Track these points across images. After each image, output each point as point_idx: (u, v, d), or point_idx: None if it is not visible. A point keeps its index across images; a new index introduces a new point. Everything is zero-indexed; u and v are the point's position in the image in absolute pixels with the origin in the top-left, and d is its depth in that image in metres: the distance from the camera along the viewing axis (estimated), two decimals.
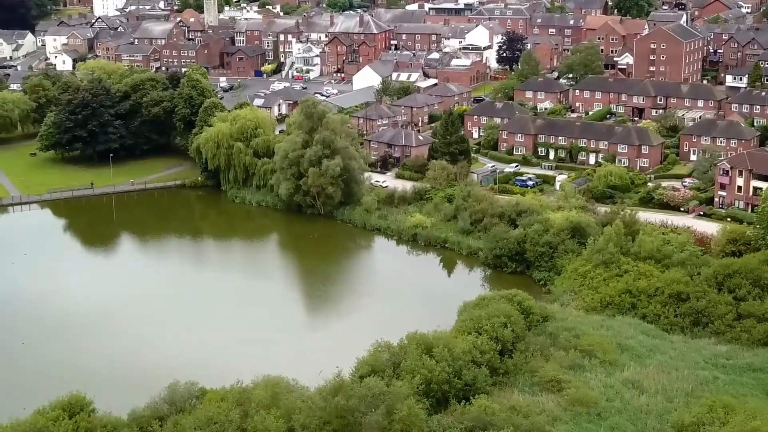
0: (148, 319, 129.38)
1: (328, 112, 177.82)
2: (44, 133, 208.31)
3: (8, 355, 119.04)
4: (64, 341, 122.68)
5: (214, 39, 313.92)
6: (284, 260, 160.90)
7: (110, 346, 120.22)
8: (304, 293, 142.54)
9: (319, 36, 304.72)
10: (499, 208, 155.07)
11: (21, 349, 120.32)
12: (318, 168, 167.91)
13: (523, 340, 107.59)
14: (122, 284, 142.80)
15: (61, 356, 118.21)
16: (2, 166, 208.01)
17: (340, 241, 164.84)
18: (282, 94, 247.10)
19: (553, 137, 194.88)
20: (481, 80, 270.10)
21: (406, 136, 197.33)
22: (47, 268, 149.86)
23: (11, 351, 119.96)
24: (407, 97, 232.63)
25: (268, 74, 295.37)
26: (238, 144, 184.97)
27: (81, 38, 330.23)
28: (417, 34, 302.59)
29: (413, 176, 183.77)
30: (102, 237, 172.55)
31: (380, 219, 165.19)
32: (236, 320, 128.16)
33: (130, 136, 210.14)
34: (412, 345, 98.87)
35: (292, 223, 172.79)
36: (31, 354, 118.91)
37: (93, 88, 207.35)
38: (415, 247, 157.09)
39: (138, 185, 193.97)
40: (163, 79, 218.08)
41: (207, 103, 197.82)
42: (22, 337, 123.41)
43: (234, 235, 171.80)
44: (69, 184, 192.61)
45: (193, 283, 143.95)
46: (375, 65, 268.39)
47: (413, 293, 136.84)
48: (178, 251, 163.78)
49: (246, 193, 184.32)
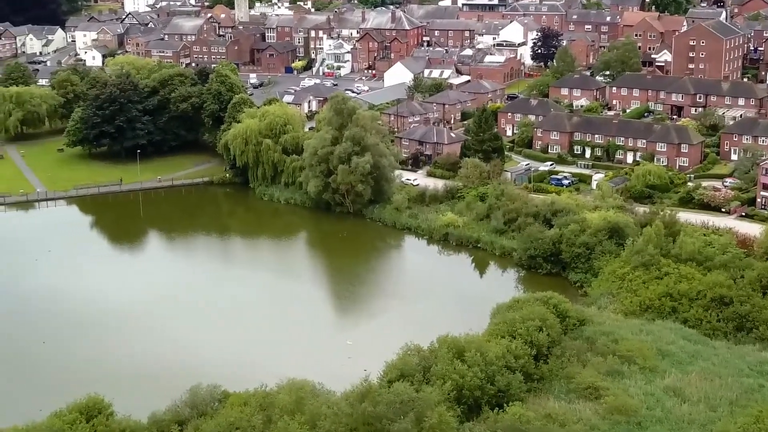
0: (172, 318, 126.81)
1: (358, 108, 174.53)
2: (71, 129, 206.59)
3: (29, 353, 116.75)
4: (86, 340, 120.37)
5: (244, 35, 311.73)
6: (312, 259, 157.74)
7: (133, 346, 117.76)
8: (332, 293, 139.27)
9: (350, 32, 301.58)
10: (533, 207, 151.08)
11: (41, 347, 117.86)
12: (347, 165, 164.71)
13: (558, 344, 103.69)
14: (148, 282, 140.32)
15: (82, 355, 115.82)
16: (30, 162, 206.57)
17: (370, 240, 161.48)
18: (312, 90, 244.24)
19: (589, 135, 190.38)
20: (515, 77, 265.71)
21: (438, 133, 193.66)
22: (71, 265, 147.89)
23: (32, 349, 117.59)
24: (439, 94, 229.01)
25: (298, 71, 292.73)
26: (267, 140, 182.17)
27: (111, 34, 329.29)
28: (450, 30, 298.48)
29: (445, 174, 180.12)
30: (128, 234, 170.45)
31: (411, 218, 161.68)
32: (262, 320, 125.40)
33: (158, 132, 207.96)
34: (443, 349, 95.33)
35: (321, 222, 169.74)
36: (52, 353, 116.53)
37: (121, 83, 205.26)
38: (446, 247, 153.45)
39: (165, 182, 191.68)
40: (191, 75, 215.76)
41: (236, 99, 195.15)
42: (45, 335, 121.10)
43: (262, 233, 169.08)
44: (96, 181, 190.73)
45: (219, 282, 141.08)
46: (407, 62, 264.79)
47: (444, 294, 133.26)
48: (205, 249, 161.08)
49: (274, 191, 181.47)
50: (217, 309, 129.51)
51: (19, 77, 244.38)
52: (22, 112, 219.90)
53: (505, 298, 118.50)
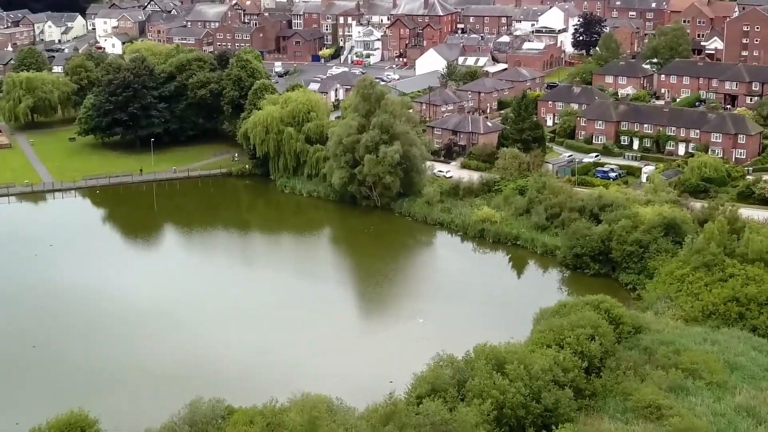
0: (182, 320, 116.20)
1: (387, 93, 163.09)
2: (83, 117, 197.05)
3: (17, 357, 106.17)
4: (83, 343, 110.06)
5: (270, 22, 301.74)
6: (336, 257, 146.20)
7: (136, 350, 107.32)
8: (356, 294, 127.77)
9: (380, 19, 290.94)
10: (579, 201, 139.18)
11: (31, 352, 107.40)
12: (375, 155, 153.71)
13: (612, 355, 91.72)
14: (159, 282, 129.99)
15: (78, 360, 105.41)
16: (39, 151, 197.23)
17: (398, 236, 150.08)
18: (339, 78, 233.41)
19: (637, 125, 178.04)
20: (555, 65, 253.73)
21: (473, 122, 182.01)
22: (73, 260, 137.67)
23: (23, 353, 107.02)
24: (474, 82, 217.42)
25: (325, 59, 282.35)
26: (289, 129, 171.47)
27: (132, 21, 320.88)
28: (486, 17, 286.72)
29: (480, 166, 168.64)
30: (141, 228, 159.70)
31: (443, 212, 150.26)
32: (279, 324, 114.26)
33: (175, 120, 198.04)
34: (480, 360, 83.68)
35: (346, 216, 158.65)
36: (45, 358, 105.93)
37: (135, 67, 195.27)
38: (482, 245, 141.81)
39: (180, 173, 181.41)
40: (210, 60, 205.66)
41: (257, 85, 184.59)
42: (40, 338, 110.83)
43: (283, 229, 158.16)
44: (108, 171, 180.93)
45: (236, 282, 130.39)
46: (440, 49, 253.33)
47: (480, 297, 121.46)
48: (222, 245, 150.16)
49: (296, 183, 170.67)
50: (232, 311, 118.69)
51: (32, 63, 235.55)
52: (33, 99, 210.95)
53: (549, 302, 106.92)
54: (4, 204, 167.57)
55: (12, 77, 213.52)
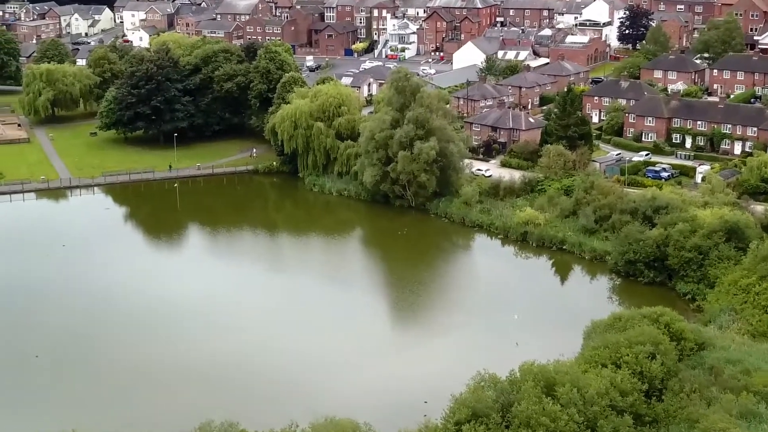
0: (202, 327, 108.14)
1: (422, 86, 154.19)
2: (104, 110, 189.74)
3: (17, 367, 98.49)
4: (89, 351, 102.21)
5: (302, 15, 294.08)
6: (367, 261, 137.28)
7: (147, 358, 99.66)
8: (389, 303, 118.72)
9: (416, 11, 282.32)
10: (630, 202, 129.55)
11: (33, 362, 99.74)
12: (409, 152, 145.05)
13: (675, 376, 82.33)
14: (181, 284, 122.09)
15: (79, 370, 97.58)
16: (58, 146, 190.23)
17: (434, 239, 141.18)
18: (372, 72, 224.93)
19: (690, 122, 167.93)
20: (599, 60, 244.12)
21: (514, 117, 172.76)
22: (87, 260, 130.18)
23: (24, 364, 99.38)
24: (515, 76, 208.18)
25: (359, 53, 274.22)
26: (318, 124, 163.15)
27: (160, 13, 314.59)
28: (526, 9, 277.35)
29: (522, 164, 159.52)
30: (162, 228, 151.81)
31: (482, 213, 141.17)
32: (305, 335, 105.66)
33: (200, 114, 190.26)
34: (527, 381, 74.54)
35: (378, 217, 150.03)
36: (43, 369, 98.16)
37: (158, 59, 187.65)
38: (524, 249, 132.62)
39: (205, 170, 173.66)
40: (238, 51, 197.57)
41: (285, 78, 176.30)
42: (44, 345, 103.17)
43: (311, 230, 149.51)
44: (128, 167, 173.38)
45: (261, 286, 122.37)
46: (478, 42, 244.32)
47: (523, 307, 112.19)
48: (248, 247, 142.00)
49: (326, 181, 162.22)
50: (255, 319, 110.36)
51: (55, 55, 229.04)
52: (53, 92, 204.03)
53: (600, 313, 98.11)
54: (18, 201, 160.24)
55: (32, 69, 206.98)
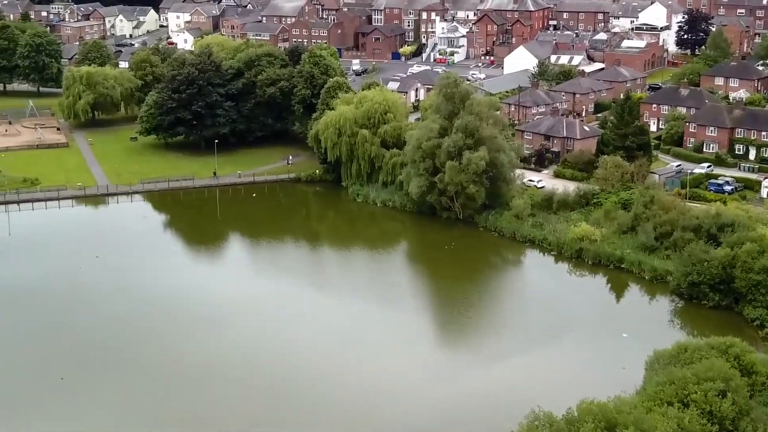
0: (242, 342, 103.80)
1: (472, 93, 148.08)
2: (145, 115, 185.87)
3: (40, 387, 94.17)
4: (125, 364, 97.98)
5: (348, 17, 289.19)
6: (413, 277, 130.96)
7: (174, 378, 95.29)
8: (437, 324, 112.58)
9: (466, 14, 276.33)
10: (693, 219, 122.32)
11: (58, 384, 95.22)
12: (458, 162, 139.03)
13: (747, 415, 75.63)
14: (222, 298, 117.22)
15: (103, 390, 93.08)
16: (97, 151, 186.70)
17: (483, 254, 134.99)
18: (420, 77, 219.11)
19: (754, 132, 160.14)
20: (656, 65, 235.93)
21: (569, 125, 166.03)
22: (117, 271, 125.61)
23: (48, 382, 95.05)
24: (569, 82, 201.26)
25: (406, 57, 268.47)
26: (363, 131, 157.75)
27: (206, 15, 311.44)
28: (580, 12, 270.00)
29: (576, 175, 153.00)
30: (202, 238, 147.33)
31: (534, 228, 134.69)
32: (344, 359, 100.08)
33: (242, 120, 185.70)
34: (586, 421, 68.41)
35: (424, 229, 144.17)
36: (71, 389, 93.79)
37: (200, 62, 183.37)
38: (579, 267, 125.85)
39: (246, 177, 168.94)
40: (281, 55, 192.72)
41: (330, 83, 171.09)
42: (72, 363, 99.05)
43: (355, 242, 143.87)
44: (167, 174, 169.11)
45: (304, 304, 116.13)
46: (530, 46, 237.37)
47: (578, 332, 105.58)
48: (290, 260, 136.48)
49: (370, 191, 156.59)
50: (296, 341, 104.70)
51: (97, 57, 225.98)
52: (93, 95, 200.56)
53: (662, 340, 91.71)
54: (53, 209, 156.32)
55: (72, 72, 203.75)
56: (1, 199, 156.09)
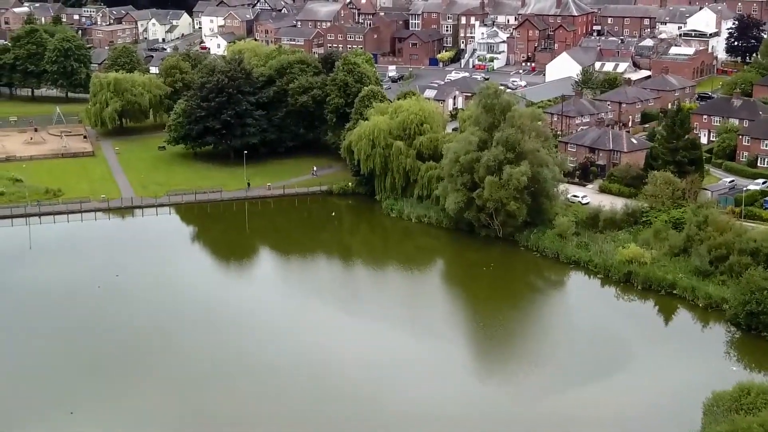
0: (262, 369, 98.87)
1: (514, 104, 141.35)
2: (173, 124, 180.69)
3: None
4: (140, 395, 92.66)
5: (385, 22, 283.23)
6: (449, 300, 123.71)
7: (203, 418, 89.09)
8: (476, 355, 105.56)
9: (507, 19, 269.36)
10: (750, 241, 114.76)
11: (68, 418, 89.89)
12: (498, 177, 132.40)
13: None
14: (251, 320, 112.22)
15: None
16: (124, 161, 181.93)
17: (524, 276, 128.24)
18: (459, 84, 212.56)
19: None
20: (705, 73, 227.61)
21: (615, 138, 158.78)
22: (138, 290, 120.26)
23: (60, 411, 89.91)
24: (614, 91, 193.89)
25: (444, 63, 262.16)
26: (398, 143, 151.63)
27: (239, 20, 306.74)
28: (626, 17, 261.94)
29: (623, 190, 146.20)
30: (230, 253, 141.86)
31: (579, 248, 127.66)
32: (375, 386, 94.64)
33: (273, 129, 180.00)
34: None
35: (461, 248, 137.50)
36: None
37: (230, 70, 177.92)
38: (627, 291, 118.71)
39: (275, 190, 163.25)
40: (314, 62, 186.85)
41: (364, 92, 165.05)
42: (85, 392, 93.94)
43: (388, 259, 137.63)
44: (195, 186, 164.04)
45: (336, 328, 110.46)
46: (574, 52, 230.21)
47: (626, 365, 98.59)
48: (322, 277, 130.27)
49: (404, 205, 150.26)
50: (325, 367, 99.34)
51: (126, 63, 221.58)
52: (121, 102, 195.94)
53: (719, 377, 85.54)
54: (76, 222, 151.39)
55: (99, 78, 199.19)
56: (22, 212, 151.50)
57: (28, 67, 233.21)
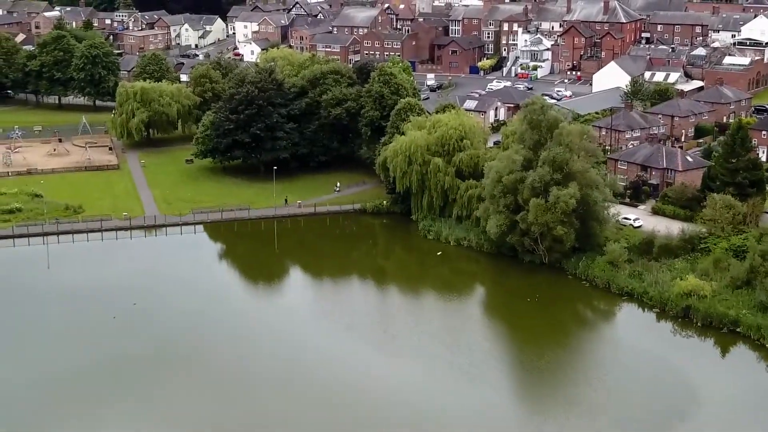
0: (289, 400, 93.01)
1: (561, 121, 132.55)
2: (201, 136, 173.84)
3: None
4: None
5: (424, 28, 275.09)
6: (490, 335, 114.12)
7: None
8: (523, 401, 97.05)
9: (551, 25, 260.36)
10: None
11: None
12: (543, 199, 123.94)
13: None
14: (275, 347, 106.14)
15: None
16: (149, 174, 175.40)
17: (572, 307, 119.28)
18: (500, 94, 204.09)
19: None
20: (761, 84, 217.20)
21: (669, 155, 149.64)
22: (159, 320, 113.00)
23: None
24: (666, 103, 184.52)
25: (485, 71, 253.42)
26: (436, 160, 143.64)
27: (274, 25, 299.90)
28: (676, 25, 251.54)
29: (678, 212, 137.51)
30: (258, 275, 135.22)
31: (633, 278, 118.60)
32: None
33: (304, 143, 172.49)
34: None
35: (503, 275, 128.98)
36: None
37: (261, 80, 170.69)
38: (686, 327, 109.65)
39: (306, 208, 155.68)
40: (349, 73, 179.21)
41: (401, 105, 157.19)
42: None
43: (423, 285, 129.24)
44: (222, 202, 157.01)
45: (364, 357, 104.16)
46: (622, 61, 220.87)
47: (690, 415, 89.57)
48: (352, 306, 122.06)
49: (442, 227, 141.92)
50: (359, 405, 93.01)
51: (155, 71, 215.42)
52: (148, 113, 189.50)
53: None
54: (96, 241, 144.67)
55: (125, 87, 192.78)
56: (40, 230, 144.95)
57: (54, 75, 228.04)
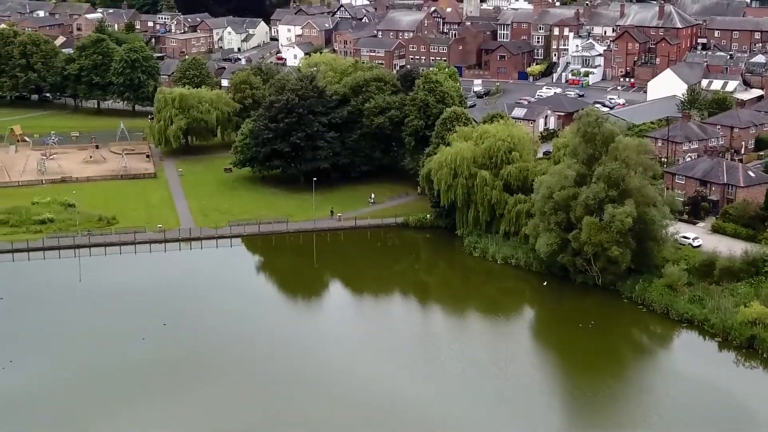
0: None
1: (617, 134, 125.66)
2: (239, 145, 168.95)
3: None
4: None
5: (471, 32, 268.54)
6: (540, 363, 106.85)
7: None
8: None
9: (604, 30, 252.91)
10: None
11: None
12: (598, 217, 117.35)
13: None
14: (314, 371, 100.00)
15: None
16: (187, 184, 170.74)
17: (628, 335, 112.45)
18: (551, 102, 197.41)
19: None
20: None
21: (730, 170, 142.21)
22: (192, 337, 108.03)
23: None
24: (725, 114, 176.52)
25: (535, 77, 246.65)
26: (483, 173, 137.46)
27: (318, 29, 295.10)
28: (735, 30, 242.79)
29: (740, 231, 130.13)
30: (296, 290, 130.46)
31: (693, 304, 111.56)
32: None
33: (346, 152, 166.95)
34: None
35: (553, 297, 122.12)
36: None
37: (301, 88, 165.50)
38: (750, 358, 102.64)
39: (346, 221, 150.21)
40: (392, 80, 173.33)
41: (446, 114, 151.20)
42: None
43: (468, 304, 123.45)
44: (259, 214, 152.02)
45: (406, 383, 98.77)
46: (678, 68, 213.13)
47: None
48: (392, 322, 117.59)
49: (489, 244, 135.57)
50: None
51: (195, 76, 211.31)
52: (186, 120, 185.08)
53: None
54: (129, 254, 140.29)
55: (163, 93, 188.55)
56: (71, 243, 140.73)
57: (93, 79, 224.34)
